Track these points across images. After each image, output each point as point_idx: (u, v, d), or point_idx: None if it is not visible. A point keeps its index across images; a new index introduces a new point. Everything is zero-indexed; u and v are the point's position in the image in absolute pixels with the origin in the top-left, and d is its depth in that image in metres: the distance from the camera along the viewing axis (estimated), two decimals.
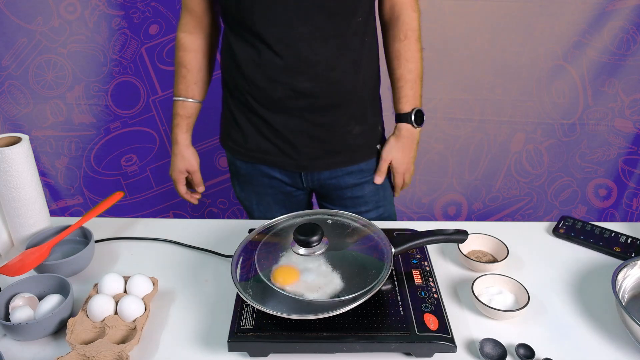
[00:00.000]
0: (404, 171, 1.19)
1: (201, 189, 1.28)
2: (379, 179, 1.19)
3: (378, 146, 1.20)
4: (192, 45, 1.15)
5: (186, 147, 1.22)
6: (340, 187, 1.20)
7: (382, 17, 1.15)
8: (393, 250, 0.89)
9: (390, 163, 1.18)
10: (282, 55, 1.01)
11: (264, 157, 1.16)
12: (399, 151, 1.16)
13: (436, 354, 0.78)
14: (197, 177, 1.26)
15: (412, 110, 1.14)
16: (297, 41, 1.00)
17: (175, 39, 1.16)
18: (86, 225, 1.01)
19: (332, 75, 1.05)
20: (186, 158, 1.22)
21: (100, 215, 1.04)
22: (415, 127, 1.15)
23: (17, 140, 0.94)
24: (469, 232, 1.01)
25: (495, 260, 0.98)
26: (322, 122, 1.10)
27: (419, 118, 1.15)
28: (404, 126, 1.15)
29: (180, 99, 1.18)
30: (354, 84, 1.09)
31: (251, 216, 1.30)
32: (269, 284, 0.81)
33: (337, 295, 0.84)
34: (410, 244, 0.90)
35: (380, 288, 0.82)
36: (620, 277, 0.87)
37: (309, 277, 0.86)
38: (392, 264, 0.87)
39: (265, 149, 1.15)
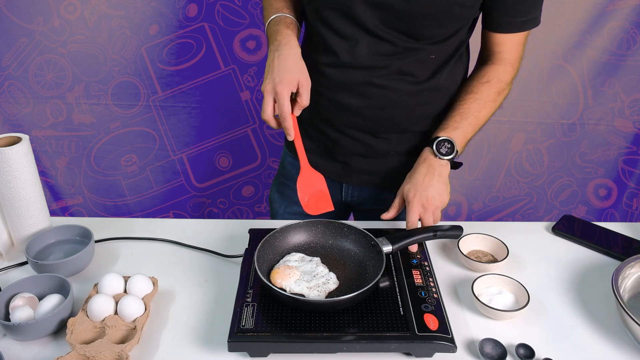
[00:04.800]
0: (413, 199, 0.96)
1: (297, 112, 0.95)
2: (387, 214, 1.01)
3: None
4: None
5: (299, 52, 0.94)
6: (379, 210, 1.18)
7: (479, 55, 1.09)
8: (390, 247, 0.89)
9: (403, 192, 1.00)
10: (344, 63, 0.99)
11: (309, 157, 1.15)
12: (410, 175, 1.00)
13: (436, 354, 0.78)
14: (306, 94, 0.92)
15: (441, 138, 0.99)
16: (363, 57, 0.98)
17: None
18: (86, 225, 1.01)
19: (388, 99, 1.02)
20: (301, 65, 0.93)
21: (100, 215, 1.04)
22: (436, 156, 0.99)
23: (17, 140, 0.94)
24: (469, 232, 1.02)
25: (495, 260, 0.98)
26: (371, 143, 1.09)
27: (446, 150, 0.99)
28: (424, 150, 1.02)
29: (283, 14, 0.99)
30: (409, 115, 1.05)
31: (274, 218, 1.30)
32: (272, 286, 0.82)
33: (335, 294, 0.84)
34: (407, 240, 0.91)
35: (379, 283, 0.83)
36: (620, 277, 0.87)
37: (306, 278, 0.86)
38: (387, 260, 0.87)
39: (313, 150, 1.14)
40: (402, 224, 1.07)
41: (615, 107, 1.71)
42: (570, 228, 1.09)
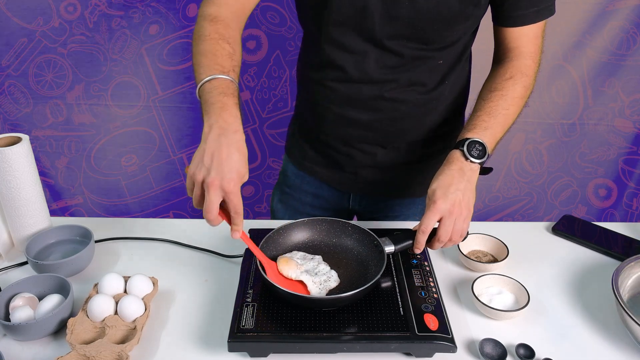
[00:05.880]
0: (438, 200, 0.85)
1: (240, 219, 0.80)
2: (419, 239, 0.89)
3: None
4: (233, 24, 0.92)
5: (245, 141, 0.79)
6: (386, 215, 1.18)
7: (495, 55, 1.04)
8: (393, 247, 0.89)
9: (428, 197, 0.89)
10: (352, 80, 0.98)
11: (316, 170, 1.14)
12: (437, 177, 0.89)
13: (436, 354, 0.78)
14: (238, 198, 0.77)
15: (473, 139, 0.90)
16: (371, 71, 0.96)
17: (202, 11, 0.93)
18: (86, 225, 1.01)
19: (400, 109, 1.01)
20: (245, 158, 0.78)
21: (100, 215, 1.04)
22: (467, 158, 0.89)
23: (17, 140, 0.94)
24: (469, 232, 1.01)
25: (495, 260, 0.98)
26: (381, 154, 1.08)
27: (478, 153, 0.89)
28: (453, 152, 0.91)
29: (230, 78, 0.83)
30: (419, 125, 1.04)
31: None
32: (272, 283, 0.81)
33: (336, 292, 0.84)
34: (409, 242, 0.90)
35: (379, 283, 0.83)
36: (620, 277, 0.87)
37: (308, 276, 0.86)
38: (389, 259, 0.87)
39: (320, 163, 1.13)
40: (403, 224, 1.07)
41: (615, 107, 1.71)
42: (570, 228, 1.09)
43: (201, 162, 0.75)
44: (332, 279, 0.86)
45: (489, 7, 0.96)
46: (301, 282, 0.85)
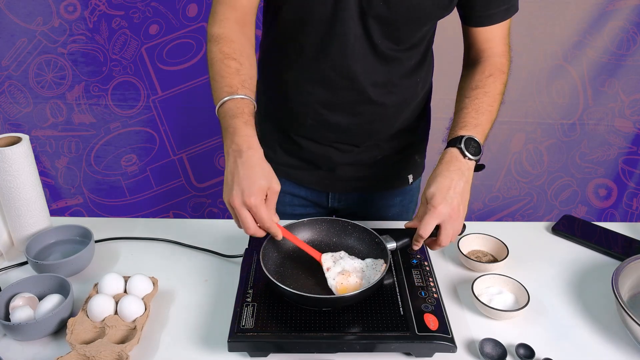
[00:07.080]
0: (439, 206, 0.85)
1: (276, 218, 0.83)
2: (410, 223, 0.91)
3: (410, 176, 1.17)
4: (237, 36, 0.94)
5: (263, 156, 0.83)
6: (365, 212, 1.19)
7: (466, 57, 1.06)
8: (394, 244, 0.89)
9: (426, 198, 0.88)
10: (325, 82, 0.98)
11: (291, 173, 1.14)
12: (435, 179, 0.88)
13: (436, 354, 0.78)
14: (274, 201, 0.82)
15: (468, 136, 0.90)
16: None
17: (208, 33, 0.95)
18: (86, 225, 1.01)
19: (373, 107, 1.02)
20: (268, 171, 0.81)
21: (100, 215, 1.04)
22: (465, 156, 0.89)
23: (17, 140, 0.94)
24: (469, 232, 1.01)
25: (495, 260, 0.98)
26: (356, 152, 1.09)
27: (474, 150, 0.90)
28: (450, 150, 0.91)
29: (239, 96, 0.85)
30: (393, 124, 1.06)
31: None
32: (276, 282, 0.81)
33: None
34: (407, 239, 0.90)
35: (382, 282, 0.83)
36: (620, 277, 0.87)
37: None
38: (391, 258, 0.88)
39: (295, 166, 1.13)
40: (397, 224, 1.07)
41: (615, 107, 1.72)
42: (570, 228, 1.09)
43: (225, 186, 0.80)
44: (377, 263, 0.88)
45: (455, 10, 0.98)
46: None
